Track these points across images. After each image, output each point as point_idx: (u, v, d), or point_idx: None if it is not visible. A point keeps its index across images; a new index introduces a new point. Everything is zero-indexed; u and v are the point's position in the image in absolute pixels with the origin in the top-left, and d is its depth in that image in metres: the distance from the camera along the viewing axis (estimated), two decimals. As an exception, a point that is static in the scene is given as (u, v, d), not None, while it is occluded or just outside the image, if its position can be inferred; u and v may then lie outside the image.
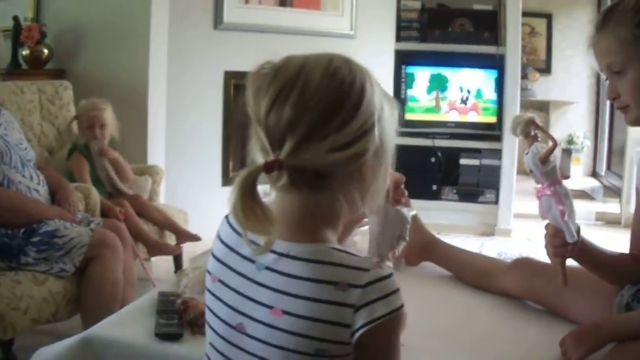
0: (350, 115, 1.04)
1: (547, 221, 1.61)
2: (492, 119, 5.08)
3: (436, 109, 5.16)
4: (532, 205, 1.52)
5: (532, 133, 1.60)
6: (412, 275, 2.12)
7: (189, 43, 4.28)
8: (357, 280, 1.02)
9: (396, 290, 1.04)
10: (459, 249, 2.23)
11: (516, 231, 5.03)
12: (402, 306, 1.04)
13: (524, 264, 2.00)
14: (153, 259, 3.58)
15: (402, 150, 5.03)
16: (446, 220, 4.89)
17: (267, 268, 1.06)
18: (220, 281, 1.13)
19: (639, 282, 1.67)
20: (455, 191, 5.08)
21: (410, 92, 5.13)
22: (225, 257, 1.13)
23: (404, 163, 5.02)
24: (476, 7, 5.21)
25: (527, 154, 1.58)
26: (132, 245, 2.86)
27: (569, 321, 1.76)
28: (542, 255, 1.79)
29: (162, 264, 3.69)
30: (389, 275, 1.05)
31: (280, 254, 1.06)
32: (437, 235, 2.23)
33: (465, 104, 5.14)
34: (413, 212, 2.38)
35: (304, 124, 1.02)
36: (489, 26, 5.13)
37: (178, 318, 1.61)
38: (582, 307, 1.77)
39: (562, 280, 1.64)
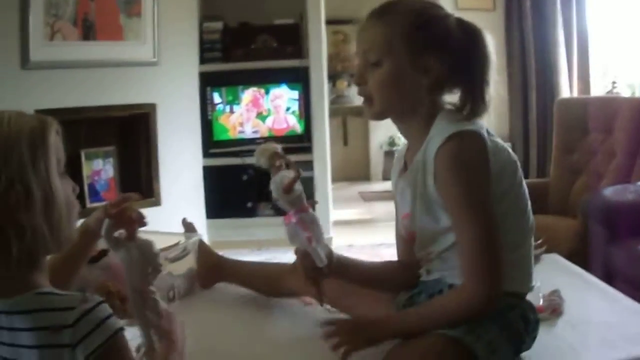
0: None
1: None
2: (301, 131, 5.16)
3: (242, 126, 5.20)
4: (351, 212, 1.54)
5: (277, 164, 1.65)
6: (206, 299, 2.17)
7: (-2, 84, 4.14)
8: (65, 320, 1.08)
9: (108, 317, 1.11)
10: (246, 262, 2.30)
11: (337, 239, 5.09)
12: (119, 330, 1.11)
13: None
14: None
15: (212, 171, 5.05)
16: (265, 236, 4.81)
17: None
18: None
19: (412, 288, 1.69)
20: (270, 206, 5.07)
21: (222, 111, 5.15)
22: None
23: (216, 184, 5.06)
24: (278, 22, 5.25)
25: (272, 183, 1.61)
26: None
27: None
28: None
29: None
30: (96, 305, 1.11)
31: (2, 312, 1.10)
32: (258, 252, 2.25)
33: (272, 118, 5.20)
34: (196, 238, 2.37)
35: None
36: (291, 40, 5.20)
37: None
38: (365, 310, 1.79)
39: (318, 301, 1.69)
